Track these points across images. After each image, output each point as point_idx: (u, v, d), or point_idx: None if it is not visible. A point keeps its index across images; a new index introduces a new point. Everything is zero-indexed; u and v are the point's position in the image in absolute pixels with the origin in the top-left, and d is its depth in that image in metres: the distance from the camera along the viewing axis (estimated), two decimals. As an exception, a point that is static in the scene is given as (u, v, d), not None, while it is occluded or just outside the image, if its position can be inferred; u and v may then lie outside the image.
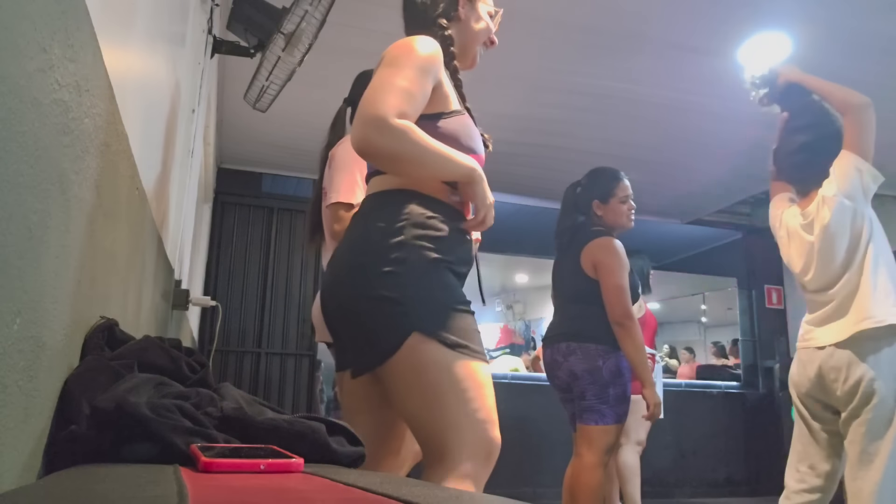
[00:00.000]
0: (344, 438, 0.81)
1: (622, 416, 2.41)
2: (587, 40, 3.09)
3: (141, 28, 1.10)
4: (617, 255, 2.43)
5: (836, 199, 1.92)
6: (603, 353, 2.39)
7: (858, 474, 1.80)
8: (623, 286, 2.40)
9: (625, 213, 2.58)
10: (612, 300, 2.38)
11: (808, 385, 1.95)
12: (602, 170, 2.65)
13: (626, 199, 2.58)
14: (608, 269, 2.41)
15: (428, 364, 1.12)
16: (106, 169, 0.89)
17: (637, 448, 3.34)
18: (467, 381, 1.13)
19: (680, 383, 5.67)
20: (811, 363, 1.93)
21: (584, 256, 2.49)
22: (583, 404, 2.43)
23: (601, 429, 2.38)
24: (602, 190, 2.58)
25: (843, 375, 1.84)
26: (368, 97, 1.12)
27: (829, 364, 1.88)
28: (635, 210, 2.62)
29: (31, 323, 0.62)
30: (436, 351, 1.12)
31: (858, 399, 1.81)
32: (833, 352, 1.87)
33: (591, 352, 2.40)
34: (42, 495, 0.48)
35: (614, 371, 2.39)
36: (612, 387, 2.39)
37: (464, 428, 1.12)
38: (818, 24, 2.92)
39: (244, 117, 3.85)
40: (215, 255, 4.63)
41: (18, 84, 0.54)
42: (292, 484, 0.55)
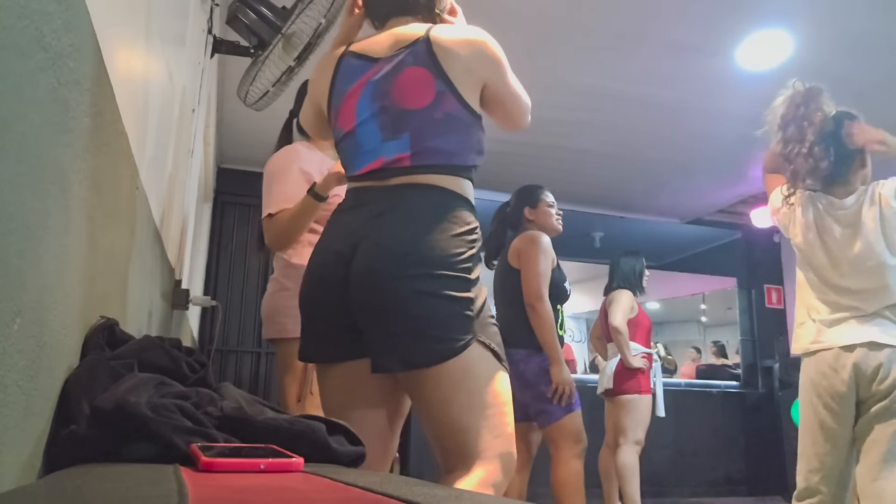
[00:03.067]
0: (344, 438, 0.81)
1: (570, 405, 2.49)
2: (587, 40, 3.09)
3: (141, 28, 1.10)
4: (540, 245, 2.58)
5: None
6: (524, 357, 2.52)
7: (882, 474, 1.76)
8: (540, 272, 2.52)
9: (553, 216, 2.77)
10: (526, 282, 2.52)
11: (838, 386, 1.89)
12: (527, 185, 2.88)
13: (552, 205, 2.78)
14: (528, 255, 2.57)
15: (481, 372, 1.16)
16: (106, 169, 0.89)
17: (636, 448, 3.34)
18: (506, 395, 1.20)
19: (680, 383, 5.68)
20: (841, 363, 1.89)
21: (511, 252, 2.66)
22: (531, 409, 2.55)
23: (555, 427, 2.50)
24: (530, 198, 2.79)
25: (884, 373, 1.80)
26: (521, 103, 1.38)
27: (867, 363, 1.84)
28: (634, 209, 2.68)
29: (31, 323, 0.62)
30: (489, 361, 1.18)
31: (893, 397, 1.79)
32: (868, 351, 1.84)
33: (513, 357, 2.47)
34: (42, 495, 0.48)
35: (537, 372, 2.51)
36: (543, 384, 2.49)
37: (499, 440, 1.16)
38: (819, 23, 2.92)
39: (244, 117, 3.85)
40: (215, 254, 4.62)
41: (18, 83, 0.54)
42: (292, 483, 0.55)
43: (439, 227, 1.17)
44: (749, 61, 3.20)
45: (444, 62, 1.22)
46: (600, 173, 4.70)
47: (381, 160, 1.24)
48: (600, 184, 4.85)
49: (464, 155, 1.25)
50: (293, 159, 1.93)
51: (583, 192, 4.97)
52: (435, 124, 1.22)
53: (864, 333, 1.85)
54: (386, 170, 1.24)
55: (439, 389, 1.15)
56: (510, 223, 2.82)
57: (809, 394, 1.96)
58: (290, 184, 1.87)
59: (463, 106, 1.23)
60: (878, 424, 1.80)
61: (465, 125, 1.24)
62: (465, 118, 1.24)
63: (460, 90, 1.23)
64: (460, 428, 1.15)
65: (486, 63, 1.26)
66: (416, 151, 1.22)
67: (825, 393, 1.91)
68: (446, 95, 1.22)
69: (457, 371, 1.14)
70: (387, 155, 1.24)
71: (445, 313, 1.14)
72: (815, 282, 2.00)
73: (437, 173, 1.22)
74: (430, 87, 1.22)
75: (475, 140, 1.26)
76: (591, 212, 5.32)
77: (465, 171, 1.25)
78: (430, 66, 1.22)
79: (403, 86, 1.24)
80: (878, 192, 1.92)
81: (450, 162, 1.23)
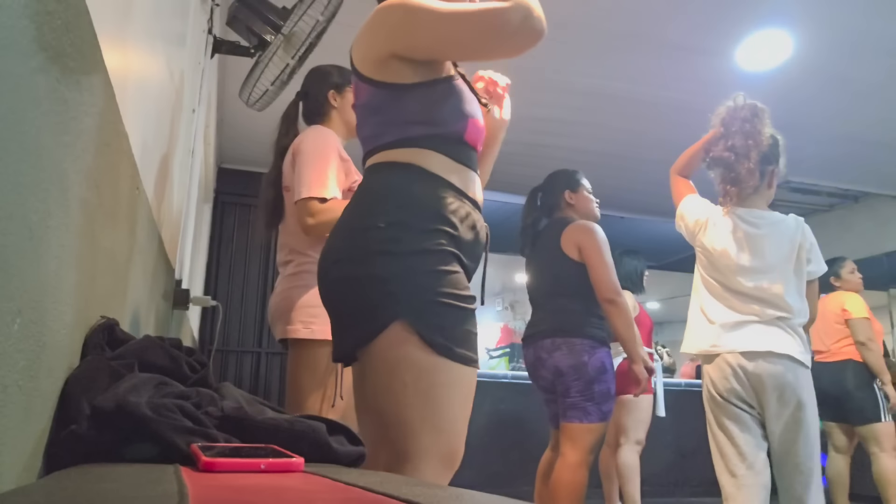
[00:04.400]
0: (344, 438, 0.81)
1: (607, 414, 2.38)
2: (587, 40, 3.09)
3: (141, 28, 1.10)
4: (600, 235, 2.48)
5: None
6: (588, 348, 2.38)
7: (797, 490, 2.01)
8: (610, 264, 2.43)
9: (593, 202, 2.68)
10: (601, 277, 2.40)
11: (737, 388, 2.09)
12: (564, 169, 2.77)
13: (590, 191, 2.70)
14: (594, 248, 2.44)
15: (403, 363, 1.04)
16: (106, 169, 0.89)
17: (636, 447, 3.34)
18: (441, 388, 1.05)
19: (680, 383, 5.67)
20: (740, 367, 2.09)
21: (565, 241, 2.50)
22: (567, 402, 2.40)
23: (585, 427, 2.35)
24: (571, 181, 2.69)
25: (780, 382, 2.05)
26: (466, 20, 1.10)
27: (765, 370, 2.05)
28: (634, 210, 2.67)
29: (32, 323, 0.62)
30: (415, 350, 1.04)
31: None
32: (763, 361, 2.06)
33: (576, 347, 2.39)
34: (42, 495, 0.48)
35: (599, 367, 2.38)
36: (597, 383, 2.37)
37: (432, 436, 1.06)
38: (819, 24, 2.92)
39: (244, 117, 3.85)
40: (215, 254, 4.62)
41: (19, 83, 0.54)
42: (293, 483, 0.55)
43: (358, 207, 1.15)
44: (749, 61, 3.20)
45: (354, 55, 1.22)
46: (600, 173, 4.69)
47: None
48: (600, 184, 4.82)
49: (388, 132, 1.17)
50: (334, 143, 1.82)
51: (583, 192, 4.97)
52: (360, 116, 1.24)
53: (763, 342, 1.99)
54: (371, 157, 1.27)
55: (365, 378, 1.09)
56: (546, 208, 2.69)
57: (709, 394, 2.11)
58: (334, 169, 1.76)
59: (371, 85, 1.18)
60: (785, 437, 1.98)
61: (384, 104, 1.17)
62: (377, 99, 1.17)
63: (364, 71, 1.19)
64: (392, 421, 1.06)
65: (377, 31, 1.16)
66: (363, 144, 1.24)
67: (726, 393, 2.05)
68: (360, 86, 1.21)
69: (379, 361, 1.06)
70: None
71: (356, 296, 1.07)
72: (715, 285, 2.14)
73: (371, 155, 1.21)
74: (356, 85, 1.24)
75: (406, 111, 1.15)
76: (591, 212, 5.31)
77: (398, 144, 1.16)
78: (351, 66, 1.23)
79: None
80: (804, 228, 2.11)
81: (377, 143, 1.19)
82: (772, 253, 2.06)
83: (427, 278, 1.07)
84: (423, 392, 1.05)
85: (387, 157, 1.17)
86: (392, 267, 1.06)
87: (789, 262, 2.05)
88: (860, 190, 4.85)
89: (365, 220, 1.11)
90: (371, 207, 1.12)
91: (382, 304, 1.05)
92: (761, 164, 2.11)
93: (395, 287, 1.05)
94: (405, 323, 1.04)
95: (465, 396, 1.10)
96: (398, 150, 1.16)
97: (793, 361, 1.96)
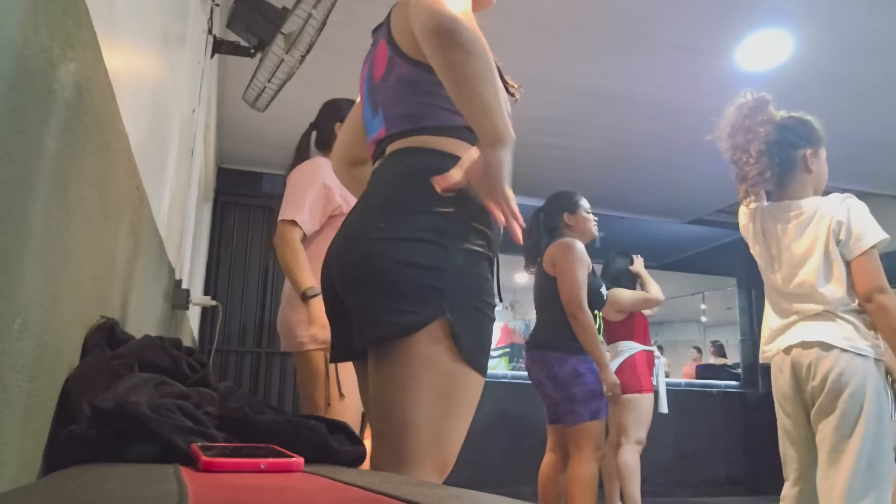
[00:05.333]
0: (344, 438, 0.81)
1: (597, 411, 2.61)
2: (587, 40, 3.09)
3: (141, 28, 1.10)
4: (575, 252, 2.68)
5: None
6: (558, 360, 2.64)
7: (829, 472, 1.79)
8: (577, 279, 2.63)
9: (591, 222, 2.88)
10: (565, 291, 2.63)
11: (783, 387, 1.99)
12: (564, 191, 2.98)
13: (589, 212, 2.89)
14: (564, 264, 2.67)
15: (427, 362, 1.00)
16: (106, 169, 0.89)
17: (637, 447, 3.34)
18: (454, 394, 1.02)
19: (680, 383, 5.67)
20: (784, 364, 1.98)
21: (546, 259, 2.76)
22: (560, 409, 2.68)
23: (579, 427, 2.60)
24: (570, 203, 2.89)
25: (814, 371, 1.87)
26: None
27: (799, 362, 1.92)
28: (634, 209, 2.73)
29: (32, 323, 0.62)
30: (444, 352, 1.00)
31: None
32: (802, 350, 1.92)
33: (548, 360, 2.67)
34: (42, 495, 0.48)
35: (570, 373, 2.62)
36: (574, 386, 2.61)
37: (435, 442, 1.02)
38: (819, 24, 2.92)
39: (244, 117, 3.85)
40: (215, 255, 4.62)
41: (19, 84, 0.54)
42: (292, 483, 0.55)
43: (406, 186, 1.07)
44: (749, 61, 3.20)
45: (393, 25, 1.14)
46: (600, 173, 4.70)
47: (372, 139, 1.21)
48: (600, 184, 4.85)
49: (433, 115, 1.10)
50: (319, 172, 1.99)
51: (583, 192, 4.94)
52: (393, 91, 1.14)
53: (798, 334, 1.91)
54: (376, 149, 1.20)
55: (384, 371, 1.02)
56: (547, 228, 2.88)
57: (774, 396, 2.04)
58: (311, 195, 1.95)
59: (413, 64, 1.11)
60: (820, 423, 1.84)
61: (425, 83, 1.10)
62: (419, 77, 1.10)
63: (404, 48, 1.11)
64: (397, 417, 1.01)
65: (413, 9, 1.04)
66: (387, 123, 1.15)
67: (778, 395, 2.00)
68: (395, 60, 1.13)
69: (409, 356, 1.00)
70: (374, 133, 1.19)
71: (403, 280, 1.00)
72: (768, 290, 2.08)
73: (408, 136, 1.12)
74: (385, 55, 1.15)
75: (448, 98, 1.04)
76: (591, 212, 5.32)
77: (442, 132, 1.10)
78: (387, 33, 1.15)
79: (375, 59, 1.19)
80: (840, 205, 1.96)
81: (418, 125, 1.11)
82: (799, 243, 1.95)
83: (472, 281, 1.04)
84: (437, 395, 1.01)
85: (431, 144, 1.10)
86: (441, 261, 1.01)
87: (816, 247, 1.91)
88: (860, 190, 4.84)
89: (416, 201, 1.04)
90: (421, 191, 1.03)
91: (429, 297, 1.00)
92: (778, 151, 2.01)
93: (441, 283, 1.00)
94: (444, 323, 1.00)
95: (472, 406, 1.07)
96: (443, 138, 1.10)
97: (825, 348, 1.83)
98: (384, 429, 1.04)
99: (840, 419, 1.79)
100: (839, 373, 1.80)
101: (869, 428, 1.76)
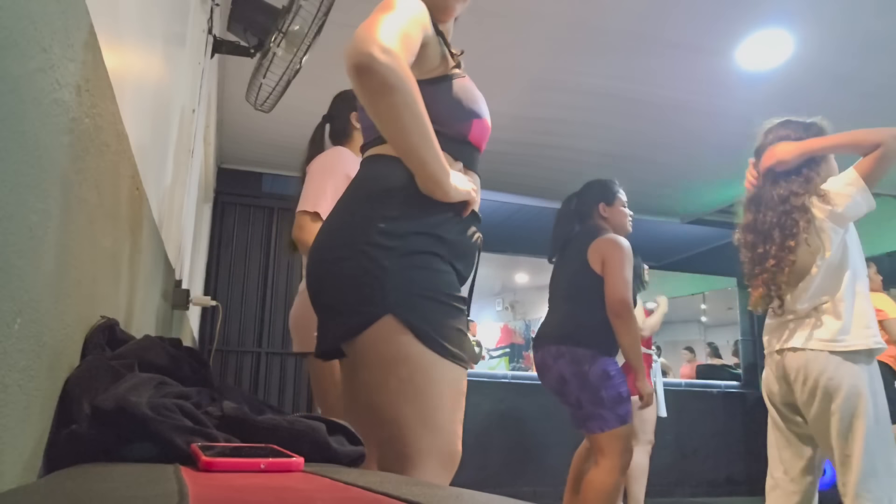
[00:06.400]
0: (344, 438, 0.81)
1: (625, 416, 2.41)
2: (587, 40, 3.09)
3: (141, 28, 1.10)
4: (626, 251, 2.50)
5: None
6: (589, 357, 2.43)
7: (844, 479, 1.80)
8: (627, 279, 2.45)
9: (627, 216, 2.68)
10: (614, 291, 2.43)
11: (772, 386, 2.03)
12: (602, 179, 2.77)
13: (625, 205, 2.70)
14: (615, 262, 2.46)
15: (398, 358, 1.02)
16: (106, 169, 0.89)
17: (647, 447, 3.34)
18: (436, 386, 1.04)
19: (680, 383, 5.67)
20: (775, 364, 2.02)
21: (592, 253, 2.53)
22: (582, 413, 2.45)
23: (607, 435, 2.39)
24: (607, 193, 2.69)
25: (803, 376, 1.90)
26: (363, 25, 1.00)
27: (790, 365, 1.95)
28: (634, 209, 2.68)
29: (32, 322, 0.62)
30: (410, 345, 1.02)
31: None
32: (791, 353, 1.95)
33: (578, 356, 2.44)
34: (42, 495, 0.48)
35: (601, 374, 2.41)
36: (604, 389, 2.40)
37: (430, 436, 1.04)
38: (820, 23, 2.92)
39: (244, 117, 3.85)
40: (215, 255, 4.63)
41: (19, 84, 0.55)
42: (292, 483, 0.55)
43: (355, 196, 1.12)
44: (749, 61, 3.20)
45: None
46: (601, 173, 4.69)
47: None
48: (600, 184, 4.85)
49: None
50: (340, 162, 1.95)
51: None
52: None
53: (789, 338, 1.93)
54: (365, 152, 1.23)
55: (363, 371, 1.05)
56: (579, 216, 2.71)
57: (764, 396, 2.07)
58: (333, 185, 1.88)
59: None
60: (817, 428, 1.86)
61: None
62: None
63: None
64: (388, 419, 1.03)
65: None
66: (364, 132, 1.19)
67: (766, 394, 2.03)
68: None
69: (373, 356, 1.03)
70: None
71: (348, 284, 1.04)
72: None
73: (374, 146, 1.16)
74: None
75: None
76: (592, 212, 5.32)
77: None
78: None
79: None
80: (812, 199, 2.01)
81: (377, 134, 1.14)
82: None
83: (419, 274, 1.06)
84: (419, 389, 1.03)
85: (388, 150, 1.12)
86: (385, 261, 1.04)
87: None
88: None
89: (363, 210, 1.09)
90: (370, 199, 1.09)
91: (372, 296, 1.03)
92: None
93: (386, 281, 1.03)
94: (395, 317, 1.02)
95: (458, 396, 1.08)
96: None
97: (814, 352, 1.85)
98: (381, 433, 1.06)
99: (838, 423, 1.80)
100: (829, 377, 1.81)
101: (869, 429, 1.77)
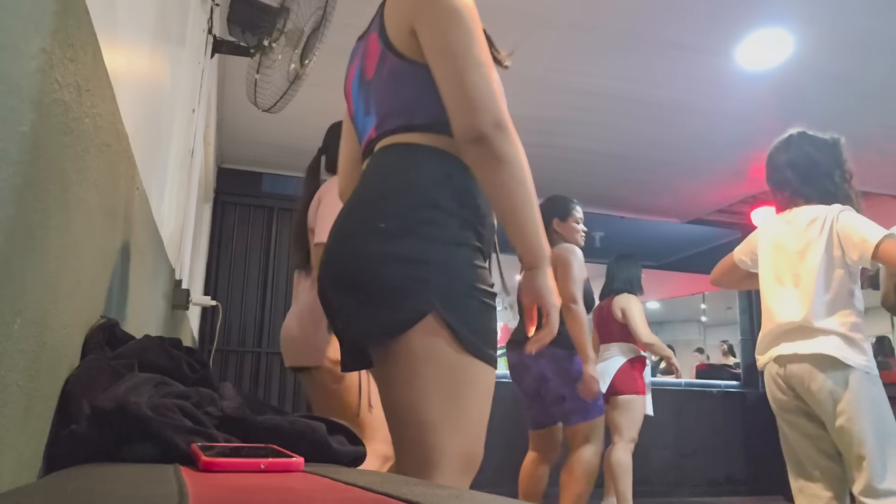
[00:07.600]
0: (344, 438, 0.81)
1: (602, 407, 2.76)
2: (587, 40, 3.09)
3: (141, 28, 1.10)
4: (576, 257, 2.75)
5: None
6: (567, 356, 2.69)
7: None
8: (573, 276, 2.69)
9: (579, 232, 2.92)
10: (563, 286, 2.65)
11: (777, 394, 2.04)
12: (560, 196, 3.00)
13: (579, 221, 2.93)
14: (566, 263, 2.71)
15: (430, 358, 0.98)
16: (106, 169, 0.89)
17: (630, 445, 3.36)
18: (466, 388, 1.00)
19: (680, 383, 5.67)
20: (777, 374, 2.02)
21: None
22: (565, 407, 2.72)
23: (590, 424, 2.70)
24: (562, 209, 2.92)
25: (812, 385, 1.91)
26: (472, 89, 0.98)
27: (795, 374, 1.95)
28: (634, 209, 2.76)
29: (32, 322, 0.62)
30: (445, 345, 0.98)
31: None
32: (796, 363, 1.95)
33: (557, 356, 2.69)
34: (42, 495, 0.48)
35: (579, 371, 2.68)
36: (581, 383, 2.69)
37: (457, 439, 1.00)
38: (819, 23, 2.92)
39: (244, 117, 3.85)
40: (215, 255, 4.63)
41: (19, 84, 0.54)
42: (292, 483, 0.55)
43: (388, 183, 1.06)
44: (749, 61, 3.20)
45: (387, 19, 1.10)
46: (600, 173, 4.70)
47: (365, 139, 1.18)
48: (600, 184, 4.85)
49: (423, 110, 1.07)
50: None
51: (583, 192, 4.96)
52: (384, 87, 1.11)
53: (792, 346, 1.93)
54: (367, 148, 1.17)
55: (390, 372, 1.01)
56: None
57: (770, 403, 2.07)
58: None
59: (400, 57, 1.08)
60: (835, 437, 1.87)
61: (417, 77, 1.06)
62: (410, 70, 1.07)
63: (396, 45, 1.08)
64: (415, 420, 0.99)
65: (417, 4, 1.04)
66: (379, 121, 1.13)
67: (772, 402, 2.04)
68: (387, 53, 1.09)
69: (410, 353, 0.98)
70: (367, 131, 1.17)
71: (387, 276, 0.98)
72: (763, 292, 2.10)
73: (397, 133, 1.10)
74: (377, 50, 1.11)
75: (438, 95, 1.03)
76: (592, 212, 5.31)
77: (430, 128, 1.07)
78: (379, 26, 1.12)
79: (366, 55, 1.16)
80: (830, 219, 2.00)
81: (409, 122, 1.08)
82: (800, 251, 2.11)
83: (460, 270, 1.02)
84: (447, 390, 0.99)
85: (420, 139, 1.07)
86: (424, 254, 0.99)
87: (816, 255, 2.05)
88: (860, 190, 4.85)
89: (402, 197, 1.04)
90: (407, 186, 1.04)
91: (415, 291, 0.98)
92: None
93: (429, 274, 0.98)
94: (437, 315, 0.98)
95: (487, 397, 1.05)
96: (433, 134, 1.07)
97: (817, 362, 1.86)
98: (403, 433, 1.02)
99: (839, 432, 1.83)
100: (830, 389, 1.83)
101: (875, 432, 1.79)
